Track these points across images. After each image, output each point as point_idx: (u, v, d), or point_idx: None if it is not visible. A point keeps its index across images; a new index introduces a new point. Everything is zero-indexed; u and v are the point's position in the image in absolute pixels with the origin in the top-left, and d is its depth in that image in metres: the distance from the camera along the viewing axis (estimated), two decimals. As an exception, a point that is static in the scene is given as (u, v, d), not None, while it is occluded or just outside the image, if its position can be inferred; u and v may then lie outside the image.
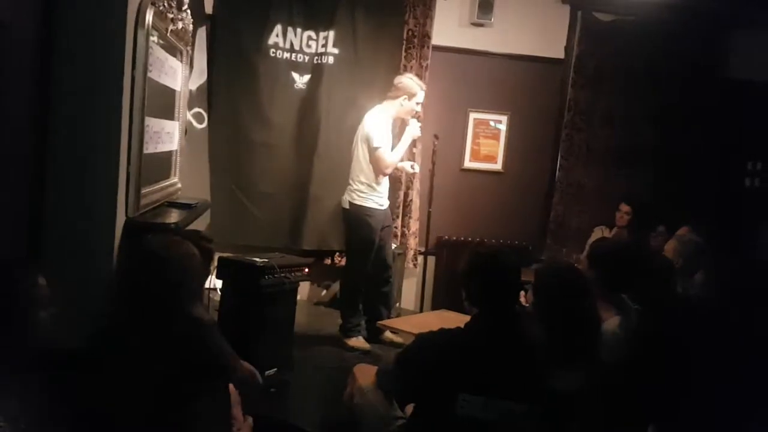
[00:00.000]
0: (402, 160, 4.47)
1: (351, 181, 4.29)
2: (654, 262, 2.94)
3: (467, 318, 2.17)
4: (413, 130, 4.31)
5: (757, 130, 5.21)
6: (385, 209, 4.36)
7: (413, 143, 4.43)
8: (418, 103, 4.30)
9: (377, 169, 4.22)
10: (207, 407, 1.94)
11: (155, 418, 1.85)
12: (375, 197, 4.26)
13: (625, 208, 4.97)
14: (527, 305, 2.49)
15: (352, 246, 4.43)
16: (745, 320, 1.82)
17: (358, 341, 4.32)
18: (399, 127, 4.47)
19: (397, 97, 4.28)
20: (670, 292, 2.73)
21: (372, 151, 4.20)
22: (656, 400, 1.56)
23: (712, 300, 2.45)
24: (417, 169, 4.67)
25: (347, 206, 4.30)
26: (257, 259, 3.45)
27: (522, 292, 2.56)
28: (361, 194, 4.24)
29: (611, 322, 2.43)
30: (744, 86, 5.22)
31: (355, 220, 4.29)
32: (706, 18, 5.26)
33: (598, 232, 5.05)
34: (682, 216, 4.50)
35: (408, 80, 4.32)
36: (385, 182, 4.32)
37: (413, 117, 4.35)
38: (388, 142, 4.26)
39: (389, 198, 4.46)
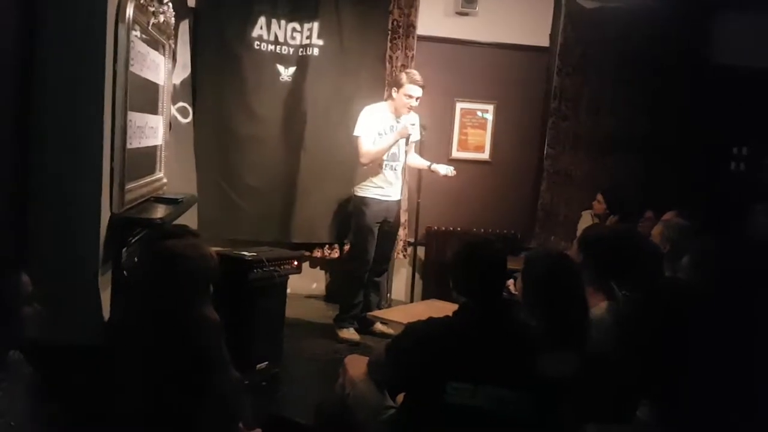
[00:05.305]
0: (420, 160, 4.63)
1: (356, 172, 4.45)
2: (642, 248, 2.95)
3: (456, 307, 2.18)
4: (401, 126, 4.29)
5: (743, 115, 5.24)
6: (386, 201, 4.40)
7: (406, 141, 4.33)
8: (409, 96, 4.28)
9: (357, 156, 4.29)
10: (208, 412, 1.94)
11: (153, 417, 1.85)
12: (373, 188, 4.35)
13: (599, 197, 5.02)
14: (516, 293, 2.49)
15: (353, 235, 4.61)
16: (731, 300, 1.83)
17: (349, 333, 4.36)
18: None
19: (392, 91, 4.41)
20: (657, 276, 2.75)
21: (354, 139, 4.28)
22: (647, 383, 1.56)
23: (698, 282, 2.47)
24: (451, 172, 4.57)
25: (352, 197, 4.49)
26: (246, 253, 3.44)
27: (511, 280, 2.57)
28: (360, 184, 4.39)
29: (600, 307, 2.44)
30: (730, 71, 5.24)
31: (354, 209, 4.48)
32: (691, 3, 5.27)
33: (587, 217, 5.08)
34: (669, 201, 4.52)
35: (401, 73, 4.41)
36: (390, 175, 4.38)
37: (407, 112, 4.34)
38: (372, 133, 4.27)
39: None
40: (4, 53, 2.45)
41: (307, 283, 5.22)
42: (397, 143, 4.34)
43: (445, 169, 4.56)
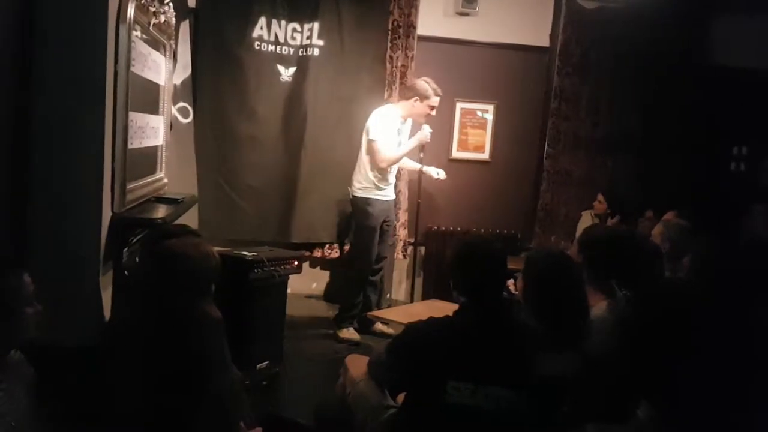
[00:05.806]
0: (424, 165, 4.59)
1: (355, 173, 4.43)
2: (642, 248, 2.95)
3: (456, 307, 2.18)
4: (422, 134, 4.34)
5: (743, 115, 5.24)
6: (388, 200, 4.47)
7: (421, 148, 4.40)
8: (431, 107, 4.34)
9: (373, 160, 4.30)
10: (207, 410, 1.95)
11: (155, 416, 1.85)
12: (375, 189, 4.37)
13: (600, 197, 5.05)
14: (516, 293, 2.49)
15: (355, 235, 4.60)
16: (731, 300, 1.84)
17: (349, 332, 4.37)
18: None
19: (409, 97, 4.39)
20: (657, 276, 2.75)
21: (369, 143, 4.30)
22: (647, 382, 1.57)
23: (699, 282, 2.47)
24: (443, 175, 4.64)
25: (351, 197, 4.48)
26: (246, 253, 3.44)
27: (511, 280, 2.57)
28: (361, 185, 4.39)
29: (600, 307, 2.44)
30: (730, 71, 5.24)
31: (357, 209, 4.46)
32: (691, 3, 5.28)
33: (587, 217, 5.09)
34: (669, 201, 4.54)
35: (422, 83, 4.39)
36: (390, 177, 4.43)
37: (425, 121, 4.39)
38: (389, 137, 4.30)
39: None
40: (4, 53, 2.46)
41: (307, 283, 5.21)
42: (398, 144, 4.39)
43: (435, 173, 4.60)
